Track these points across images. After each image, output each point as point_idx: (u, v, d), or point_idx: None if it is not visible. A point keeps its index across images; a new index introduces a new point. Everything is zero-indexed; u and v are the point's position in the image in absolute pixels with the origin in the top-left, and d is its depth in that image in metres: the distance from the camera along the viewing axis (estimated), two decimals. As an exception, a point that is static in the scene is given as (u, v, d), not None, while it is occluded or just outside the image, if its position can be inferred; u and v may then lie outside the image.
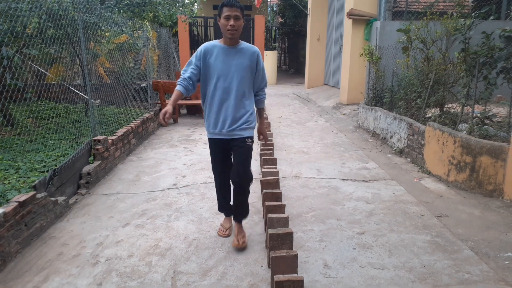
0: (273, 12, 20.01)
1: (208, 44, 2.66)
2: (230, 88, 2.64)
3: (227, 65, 2.62)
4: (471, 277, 2.50)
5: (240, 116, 2.70)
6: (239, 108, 2.68)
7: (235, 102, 2.66)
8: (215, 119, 2.71)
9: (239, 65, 2.63)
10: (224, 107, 2.67)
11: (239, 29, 2.56)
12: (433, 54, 5.34)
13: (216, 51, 2.63)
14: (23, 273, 2.56)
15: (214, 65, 2.62)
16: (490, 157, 3.75)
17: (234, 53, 2.64)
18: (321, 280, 2.47)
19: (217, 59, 2.62)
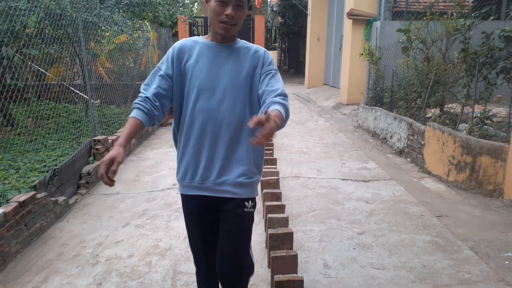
0: (273, 12, 20.02)
1: (186, 41, 1.66)
2: (220, 112, 1.58)
3: (215, 73, 1.59)
4: (471, 277, 2.50)
5: (236, 161, 1.62)
6: (234, 146, 1.61)
7: (228, 135, 1.59)
8: (193, 163, 1.63)
9: (234, 73, 1.59)
10: (208, 143, 1.59)
11: (239, 23, 1.57)
12: (433, 54, 5.34)
13: (197, 50, 1.62)
14: (23, 273, 2.56)
15: (193, 72, 1.59)
16: (490, 157, 3.75)
17: (226, 54, 1.61)
18: (321, 280, 2.47)
19: (198, 63, 1.60)
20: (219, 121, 1.58)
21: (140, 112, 1.53)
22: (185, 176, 1.66)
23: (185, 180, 1.67)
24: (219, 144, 1.60)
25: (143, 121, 1.53)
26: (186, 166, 1.65)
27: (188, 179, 1.66)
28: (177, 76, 1.61)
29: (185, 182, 1.67)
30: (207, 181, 1.64)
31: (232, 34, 1.60)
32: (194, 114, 1.59)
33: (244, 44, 1.67)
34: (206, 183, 1.64)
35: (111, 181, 1.40)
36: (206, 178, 1.63)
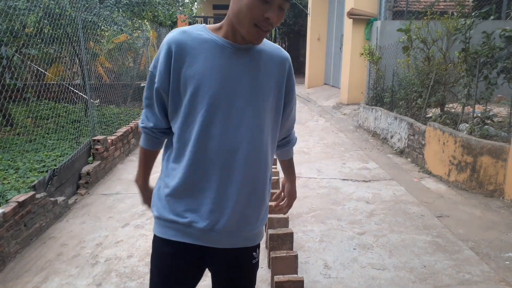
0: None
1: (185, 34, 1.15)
2: (235, 140, 1.15)
3: (232, 83, 1.14)
4: (472, 277, 2.49)
5: (252, 203, 1.22)
6: (251, 185, 1.20)
7: (245, 170, 1.17)
8: (192, 202, 1.17)
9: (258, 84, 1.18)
10: (216, 179, 1.15)
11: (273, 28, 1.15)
12: (433, 53, 5.34)
13: (204, 49, 1.14)
14: (23, 274, 2.55)
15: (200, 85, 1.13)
16: (490, 157, 3.74)
17: (246, 59, 1.17)
18: (322, 280, 2.46)
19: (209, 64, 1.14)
20: (235, 149, 1.15)
21: (151, 143, 1.28)
22: (177, 215, 1.17)
23: (170, 217, 1.17)
24: (232, 182, 1.15)
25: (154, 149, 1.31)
26: (179, 202, 1.17)
27: (179, 218, 1.17)
28: (174, 88, 1.15)
29: (171, 220, 1.18)
30: (216, 226, 1.16)
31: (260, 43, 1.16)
32: (199, 140, 1.14)
33: (268, 46, 1.23)
34: (216, 229, 1.17)
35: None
36: (215, 223, 1.16)
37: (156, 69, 1.17)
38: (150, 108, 1.23)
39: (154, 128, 1.24)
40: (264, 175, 1.23)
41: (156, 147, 1.30)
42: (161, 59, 1.15)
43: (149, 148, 1.29)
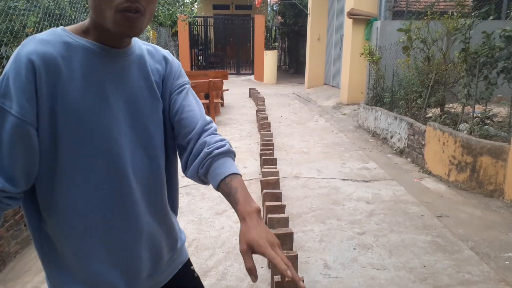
0: (273, 12, 20.01)
1: (46, 45, 0.80)
2: (155, 159, 0.96)
3: (130, 97, 0.91)
4: (472, 277, 2.49)
5: (170, 228, 1.06)
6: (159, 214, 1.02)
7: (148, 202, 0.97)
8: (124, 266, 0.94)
9: (147, 86, 0.95)
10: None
11: (149, 8, 0.84)
12: (433, 53, 5.34)
13: (79, 62, 0.83)
14: (23, 274, 2.55)
15: (92, 102, 0.84)
16: (490, 157, 3.74)
17: (128, 63, 0.91)
18: (322, 280, 2.47)
19: (92, 83, 0.84)
20: (146, 174, 0.94)
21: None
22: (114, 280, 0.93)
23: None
24: (146, 217, 0.96)
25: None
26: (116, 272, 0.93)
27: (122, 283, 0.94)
28: (46, 118, 0.81)
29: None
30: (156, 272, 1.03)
31: (139, 32, 0.84)
32: (91, 182, 0.86)
33: (139, 46, 0.97)
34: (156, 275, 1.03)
35: None
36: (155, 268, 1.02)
37: (7, 99, 0.77)
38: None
39: (1, 190, 0.79)
40: (162, 195, 1.01)
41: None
42: (20, 82, 0.77)
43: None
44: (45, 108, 0.80)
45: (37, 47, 0.79)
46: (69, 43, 0.83)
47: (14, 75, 0.77)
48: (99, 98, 0.85)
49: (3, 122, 0.78)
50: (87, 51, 0.84)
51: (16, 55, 0.79)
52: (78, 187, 0.86)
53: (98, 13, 0.82)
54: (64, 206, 0.86)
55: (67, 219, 0.87)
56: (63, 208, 0.86)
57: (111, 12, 0.79)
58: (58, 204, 0.86)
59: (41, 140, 0.81)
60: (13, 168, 0.80)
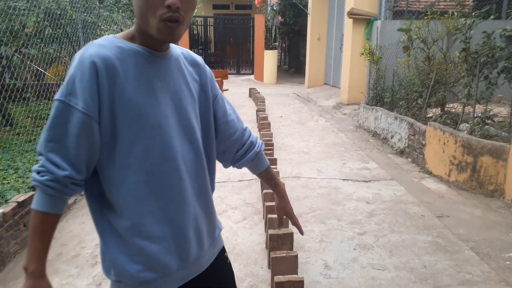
0: (273, 12, 20.01)
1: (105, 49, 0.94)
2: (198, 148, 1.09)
3: (175, 95, 1.04)
4: (472, 277, 2.49)
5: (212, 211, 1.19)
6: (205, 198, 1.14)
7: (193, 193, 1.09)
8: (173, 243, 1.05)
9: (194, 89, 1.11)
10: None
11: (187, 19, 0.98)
12: (434, 53, 5.33)
13: (131, 64, 0.97)
14: (22, 274, 2.53)
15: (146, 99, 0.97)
16: (491, 157, 3.73)
17: (170, 65, 1.05)
18: (322, 280, 2.46)
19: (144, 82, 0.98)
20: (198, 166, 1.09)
21: (57, 203, 0.96)
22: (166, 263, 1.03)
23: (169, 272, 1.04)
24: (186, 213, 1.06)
25: (60, 212, 0.98)
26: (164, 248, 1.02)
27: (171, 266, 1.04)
28: (107, 113, 0.92)
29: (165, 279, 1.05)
30: (200, 256, 1.13)
31: (178, 39, 0.97)
32: (163, 166, 0.99)
33: (177, 50, 1.10)
34: (200, 259, 1.13)
35: None
36: (199, 250, 1.12)
37: (73, 96, 0.90)
38: (58, 153, 0.92)
39: (68, 177, 0.92)
40: (206, 182, 1.13)
41: (62, 208, 0.98)
42: (84, 82, 0.89)
43: (54, 211, 0.95)
44: (106, 104, 0.92)
45: (97, 50, 0.92)
46: (121, 47, 0.96)
47: (79, 76, 0.90)
48: (150, 94, 0.97)
49: (71, 117, 0.90)
50: (137, 54, 0.97)
51: (80, 57, 0.91)
52: (135, 174, 0.96)
53: (143, 21, 0.95)
54: (124, 191, 0.97)
55: (127, 203, 0.98)
56: (123, 193, 0.97)
57: (155, 21, 0.93)
58: (118, 190, 0.97)
59: (102, 133, 0.93)
60: (78, 158, 0.92)
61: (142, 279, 1.02)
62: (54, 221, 0.97)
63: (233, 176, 4.43)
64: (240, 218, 3.36)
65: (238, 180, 4.30)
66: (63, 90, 0.92)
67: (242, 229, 3.16)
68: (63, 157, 0.92)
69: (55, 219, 0.97)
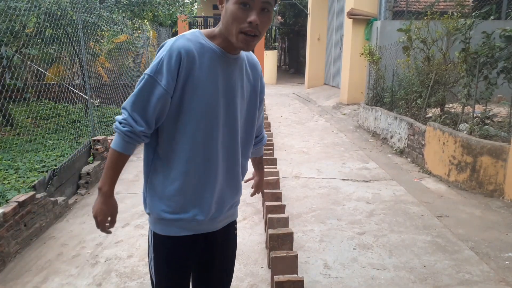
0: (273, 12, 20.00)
1: (190, 42, 1.22)
2: (235, 136, 1.35)
3: (228, 85, 1.29)
4: (472, 277, 2.49)
5: (238, 182, 1.44)
6: (234, 178, 1.41)
7: (241, 160, 1.41)
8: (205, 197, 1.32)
9: (242, 84, 1.35)
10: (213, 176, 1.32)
11: (263, 33, 1.22)
12: (433, 54, 5.34)
13: (207, 58, 1.24)
14: (23, 274, 2.55)
15: (208, 85, 1.24)
16: (490, 157, 3.74)
17: (233, 63, 1.30)
18: (322, 280, 2.46)
19: (212, 73, 1.25)
20: (234, 146, 1.35)
21: (130, 148, 1.26)
22: (194, 212, 1.31)
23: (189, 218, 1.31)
24: (219, 179, 1.34)
25: (129, 154, 1.28)
26: (200, 203, 1.31)
27: (196, 217, 1.31)
28: (182, 90, 1.22)
29: (187, 221, 1.32)
30: (221, 216, 1.38)
31: (252, 49, 1.25)
32: (197, 145, 1.27)
33: (243, 53, 1.35)
34: (219, 218, 1.39)
35: (108, 231, 1.38)
36: (219, 213, 1.37)
37: (159, 74, 1.20)
38: (141, 113, 1.22)
39: (142, 132, 1.24)
40: (239, 162, 1.40)
41: (132, 151, 1.29)
42: (170, 65, 1.19)
43: (127, 152, 1.27)
44: (180, 84, 1.21)
45: (185, 43, 1.20)
46: (203, 44, 1.24)
47: (167, 60, 1.19)
48: (213, 85, 1.25)
49: (154, 90, 1.20)
50: (213, 52, 1.24)
51: (171, 46, 1.20)
52: (188, 138, 1.26)
53: (227, 29, 1.19)
54: (175, 150, 1.27)
55: (174, 159, 1.28)
56: (174, 151, 1.27)
57: (237, 31, 1.17)
58: (171, 148, 1.28)
59: (172, 104, 1.23)
60: (152, 119, 1.23)
61: (163, 218, 1.31)
62: (125, 159, 1.28)
63: (233, 176, 4.44)
64: (240, 218, 3.36)
65: (238, 180, 4.31)
66: (153, 68, 1.20)
67: (242, 229, 3.17)
68: (142, 117, 1.22)
69: (126, 158, 1.28)
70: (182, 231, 1.33)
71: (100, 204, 1.29)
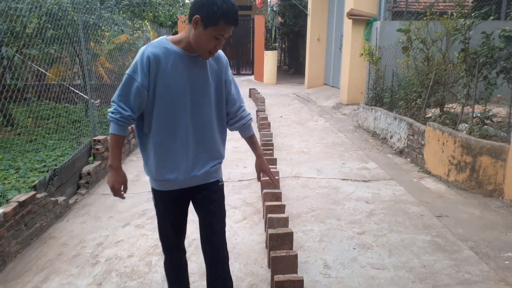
0: (273, 12, 20.02)
1: (157, 48, 1.65)
2: (201, 114, 1.77)
3: (191, 80, 1.71)
4: (471, 277, 2.50)
5: (215, 152, 1.86)
6: (220, 140, 1.88)
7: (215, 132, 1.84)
8: (176, 163, 1.76)
9: (205, 75, 1.75)
10: (185, 145, 1.75)
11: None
12: (433, 54, 5.34)
13: (172, 59, 1.66)
14: (23, 273, 2.56)
15: (172, 81, 1.67)
16: (490, 157, 3.75)
17: (195, 60, 1.71)
18: (321, 280, 2.47)
19: (175, 71, 1.67)
20: (192, 128, 1.76)
21: (123, 129, 1.72)
22: (167, 173, 1.76)
23: (165, 177, 1.77)
24: (190, 146, 1.77)
25: (125, 134, 1.75)
26: (173, 167, 1.76)
27: (171, 175, 1.76)
28: (154, 83, 1.67)
29: (166, 178, 1.77)
30: (192, 174, 1.80)
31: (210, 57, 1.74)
32: (179, 115, 1.72)
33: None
34: (193, 177, 1.81)
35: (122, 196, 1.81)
36: (191, 171, 1.79)
37: (136, 73, 1.65)
38: (125, 102, 1.67)
39: (130, 116, 1.68)
40: (213, 138, 1.83)
41: (126, 132, 1.74)
42: (143, 66, 1.64)
43: (122, 133, 1.72)
44: (152, 80, 1.65)
45: (151, 50, 1.65)
46: (167, 48, 1.67)
47: (140, 63, 1.64)
48: (179, 76, 1.68)
49: (133, 84, 1.65)
50: (176, 54, 1.68)
51: (142, 52, 1.65)
52: (161, 118, 1.71)
53: (199, 47, 1.64)
54: (156, 125, 1.72)
55: (153, 134, 1.73)
56: (156, 127, 1.72)
57: (206, 51, 1.65)
58: (154, 125, 1.72)
59: (148, 95, 1.68)
60: (134, 106, 1.68)
61: (154, 179, 1.81)
62: (123, 139, 1.74)
63: (233, 176, 4.45)
64: (240, 218, 3.37)
65: (238, 180, 4.31)
66: (131, 69, 1.66)
67: (242, 228, 3.18)
68: (127, 105, 1.67)
69: (123, 138, 1.74)
70: (170, 186, 1.81)
71: (113, 176, 1.74)
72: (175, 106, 1.70)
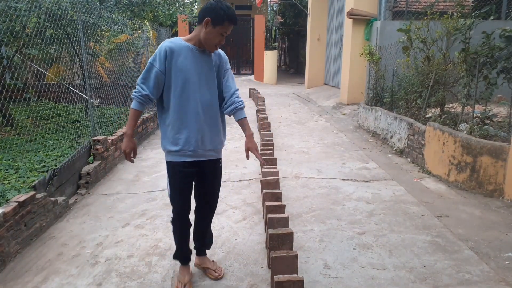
0: (273, 12, 20.01)
1: (173, 43, 2.15)
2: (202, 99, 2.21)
3: (199, 68, 2.18)
4: (472, 277, 2.49)
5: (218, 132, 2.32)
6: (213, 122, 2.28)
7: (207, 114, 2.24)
8: (189, 135, 2.21)
9: (210, 65, 2.23)
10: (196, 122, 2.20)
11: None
12: (433, 54, 5.34)
13: (184, 51, 2.15)
14: (23, 274, 2.56)
15: (184, 68, 2.14)
16: (490, 157, 3.74)
17: (202, 54, 2.20)
18: (321, 280, 2.47)
19: (186, 60, 2.15)
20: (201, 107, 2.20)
21: (140, 105, 2.17)
22: (181, 145, 2.20)
23: (179, 148, 2.21)
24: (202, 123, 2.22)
25: (141, 110, 2.20)
26: (186, 139, 2.20)
27: (184, 147, 2.21)
28: (169, 70, 2.14)
29: (180, 149, 2.21)
30: (202, 149, 2.25)
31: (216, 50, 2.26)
32: (189, 98, 2.18)
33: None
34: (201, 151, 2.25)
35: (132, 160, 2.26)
36: (197, 148, 2.23)
37: (156, 61, 2.14)
38: (145, 84, 2.15)
39: (147, 95, 2.15)
40: (216, 117, 2.28)
41: (144, 108, 2.21)
42: (161, 56, 2.13)
43: (140, 109, 2.18)
44: (167, 67, 2.14)
45: (168, 44, 2.14)
46: (181, 43, 2.17)
47: (159, 53, 2.13)
48: (189, 66, 2.16)
49: (152, 70, 2.14)
50: (188, 47, 2.17)
51: (161, 45, 2.15)
52: (176, 99, 2.18)
53: (207, 41, 2.14)
54: (172, 104, 2.19)
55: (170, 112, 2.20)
56: (172, 105, 2.19)
57: (212, 44, 2.16)
58: (171, 101, 2.19)
59: (165, 79, 2.17)
60: (153, 88, 2.16)
61: (169, 150, 2.25)
62: (139, 114, 2.21)
63: (233, 176, 4.44)
64: (240, 218, 3.37)
65: (238, 180, 4.31)
66: (152, 58, 2.14)
67: (242, 229, 3.17)
68: (146, 86, 2.16)
69: (140, 113, 2.21)
70: (181, 158, 2.24)
71: (126, 142, 2.20)
72: (185, 87, 2.15)
